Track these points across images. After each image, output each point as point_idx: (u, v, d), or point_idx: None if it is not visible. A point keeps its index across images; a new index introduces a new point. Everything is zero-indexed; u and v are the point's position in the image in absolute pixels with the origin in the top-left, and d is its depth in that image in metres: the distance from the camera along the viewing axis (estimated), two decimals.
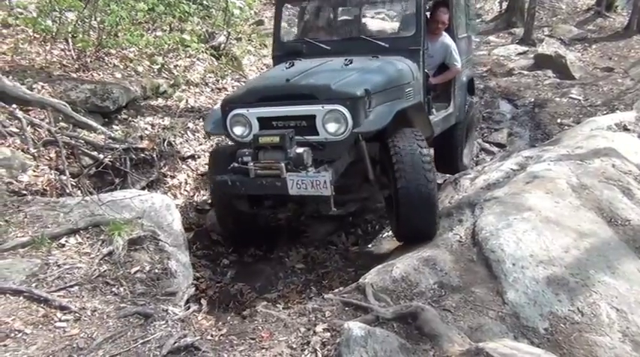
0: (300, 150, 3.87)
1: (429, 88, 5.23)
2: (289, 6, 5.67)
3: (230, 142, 4.49)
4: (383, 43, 4.86)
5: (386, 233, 5.17)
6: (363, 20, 5.56)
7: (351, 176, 4.29)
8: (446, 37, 5.45)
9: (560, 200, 4.13)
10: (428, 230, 4.14)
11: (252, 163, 3.89)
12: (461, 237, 4.05)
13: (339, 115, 3.89)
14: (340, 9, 5.60)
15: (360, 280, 3.73)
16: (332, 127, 3.94)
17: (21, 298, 3.00)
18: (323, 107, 3.91)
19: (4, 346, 2.69)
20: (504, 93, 10.15)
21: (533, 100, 9.52)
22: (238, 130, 4.18)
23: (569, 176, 4.54)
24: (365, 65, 4.49)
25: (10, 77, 5.18)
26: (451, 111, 5.59)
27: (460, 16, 5.83)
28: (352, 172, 4.30)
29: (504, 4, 16.60)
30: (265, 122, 4.09)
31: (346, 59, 4.51)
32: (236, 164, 4.00)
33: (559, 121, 8.46)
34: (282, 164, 3.78)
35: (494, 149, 7.85)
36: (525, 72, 11.06)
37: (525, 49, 12.76)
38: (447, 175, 5.80)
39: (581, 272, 3.37)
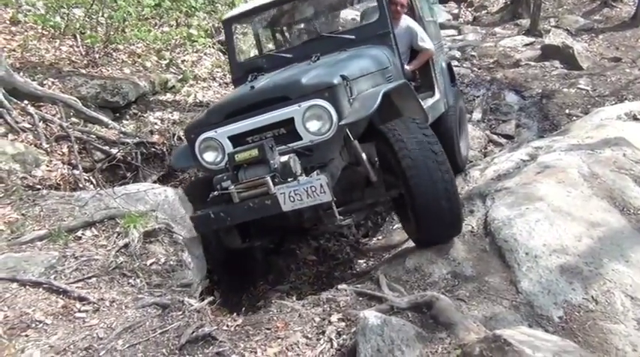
0: (284, 158, 3.41)
1: (407, 78, 4.66)
2: (238, 26, 5.33)
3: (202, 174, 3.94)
4: (348, 36, 4.53)
5: (396, 225, 5.19)
6: (314, 19, 5.19)
7: (350, 183, 3.91)
8: (407, 20, 5.06)
9: (572, 190, 4.13)
10: (454, 227, 3.69)
11: (232, 186, 3.40)
12: (473, 227, 4.06)
13: (320, 110, 3.46)
14: (289, 14, 5.21)
15: (373, 270, 3.75)
16: (314, 125, 3.50)
17: (40, 289, 3.05)
18: (300, 106, 3.48)
19: (26, 336, 2.74)
20: (511, 84, 10.10)
21: (540, 91, 9.47)
22: (210, 157, 3.76)
23: (580, 166, 4.54)
24: (334, 58, 4.14)
25: (21, 73, 5.22)
26: (438, 97, 5.16)
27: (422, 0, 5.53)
28: (351, 178, 3.89)
29: None
30: (239, 140, 3.65)
31: (312, 58, 4.16)
32: (215, 193, 3.49)
33: (567, 111, 8.42)
34: (268, 178, 3.30)
35: (503, 141, 7.84)
36: (532, 63, 10.99)
37: (532, 40, 12.66)
38: None
39: (595, 261, 3.38)
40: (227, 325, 3.26)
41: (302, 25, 5.36)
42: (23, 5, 6.39)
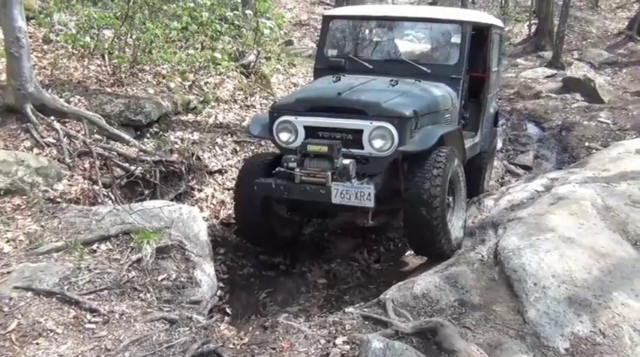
0: (346, 161, 4.04)
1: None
2: (335, 22, 5.74)
3: (272, 149, 4.64)
4: (425, 69, 4.98)
5: (408, 252, 5.19)
6: (400, 42, 5.70)
7: (383, 188, 4.34)
8: None
9: (584, 221, 4.12)
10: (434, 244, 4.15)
11: (298, 170, 4.06)
12: (483, 256, 4.07)
13: (386, 133, 4.06)
14: (381, 29, 5.74)
15: (381, 295, 3.76)
16: (378, 143, 4.10)
17: (53, 299, 3.14)
18: (372, 123, 4.08)
19: (37, 344, 2.81)
20: (531, 115, 10.11)
21: (560, 123, 9.45)
22: (284, 136, 4.35)
23: (594, 198, 4.53)
24: (410, 88, 4.63)
25: (50, 90, 5.39)
26: (477, 140, 5.70)
27: (494, 50, 5.92)
28: (386, 184, 4.38)
29: (533, 27, 16.56)
30: (311, 132, 4.26)
31: (391, 80, 4.63)
32: (282, 169, 4.15)
33: (586, 144, 8.38)
34: (329, 173, 3.95)
35: (520, 171, 7.81)
36: (553, 95, 10.99)
37: (554, 72, 12.69)
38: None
39: (604, 294, 3.36)
40: (233, 343, 3.31)
41: (385, 39, 5.77)
42: (56, 25, 6.62)
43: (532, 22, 16.85)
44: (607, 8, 18.57)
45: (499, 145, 8.58)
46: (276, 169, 4.22)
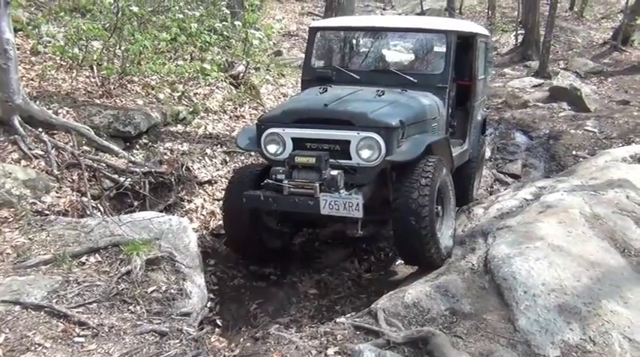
0: (334, 172, 4.07)
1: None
2: (321, 34, 5.78)
3: (260, 160, 4.65)
4: (412, 78, 5.02)
5: (399, 261, 5.20)
6: (386, 52, 5.76)
7: (371, 198, 4.37)
8: None
9: (573, 230, 4.16)
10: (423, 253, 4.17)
11: (286, 181, 4.09)
12: (473, 264, 4.09)
13: (374, 143, 4.09)
14: (368, 39, 5.78)
15: (372, 305, 3.76)
16: (365, 153, 4.13)
17: (42, 313, 3.10)
18: (359, 134, 4.11)
19: None
20: (519, 124, 10.18)
21: (548, 131, 9.53)
22: (272, 148, 4.37)
23: (582, 206, 4.57)
24: (397, 98, 4.67)
25: (38, 102, 5.36)
26: (466, 148, 5.75)
27: (480, 59, 5.98)
28: (374, 194, 4.41)
29: (520, 38, 16.75)
30: (299, 143, 4.29)
31: (378, 90, 4.68)
32: (270, 181, 4.20)
33: (574, 152, 8.46)
34: (317, 184, 3.98)
35: (509, 180, 7.86)
36: (540, 104, 11.09)
37: (540, 81, 12.81)
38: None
39: (593, 301, 3.39)
40: (224, 355, 3.30)
41: (372, 49, 5.83)
42: (44, 37, 6.60)
43: (519, 32, 17.02)
44: (592, 19, 18.82)
45: (488, 153, 8.64)
46: (265, 181, 4.25)
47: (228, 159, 6.50)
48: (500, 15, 19.54)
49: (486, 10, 19.70)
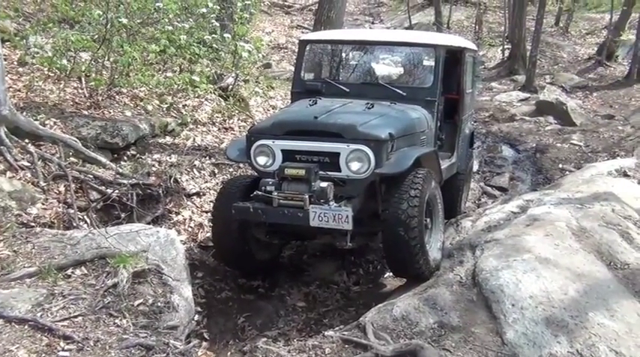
0: (323, 184, 4.07)
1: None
2: (311, 47, 5.79)
3: (250, 171, 4.66)
4: (400, 91, 5.05)
5: (387, 273, 5.20)
6: (376, 65, 5.80)
7: (361, 210, 4.37)
8: None
9: (560, 242, 4.18)
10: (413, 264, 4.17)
11: (276, 193, 4.09)
12: (461, 277, 4.09)
13: (363, 155, 4.11)
14: (357, 53, 5.82)
15: (361, 318, 3.75)
16: (355, 165, 4.15)
17: (26, 326, 3.05)
18: (348, 146, 4.13)
19: None
20: (506, 138, 10.30)
21: (534, 145, 9.64)
22: (262, 160, 4.37)
23: (569, 219, 4.61)
24: (386, 110, 4.70)
25: (25, 113, 5.32)
26: (454, 161, 5.79)
27: (468, 73, 6.04)
28: (364, 206, 4.40)
29: (507, 52, 16.97)
30: (289, 155, 4.29)
31: (367, 103, 4.71)
32: (259, 193, 4.20)
33: (560, 166, 8.56)
34: (307, 196, 3.98)
35: (496, 193, 7.92)
36: (527, 118, 11.22)
37: (527, 95, 12.98)
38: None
39: (580, 314, 3.40)
40: None
41: (364, 65, 5.84)
42: (32, 47, 6.57)
43: (505, 47, 17.27)
44: (577, 34, 19.15)
45: (475, 166, 8.71)
46: (254, 193, 4.25)
47: (216, 171, 6.48)
48: (487, 30, 19.81)
49: (473, 25, 19.95)
